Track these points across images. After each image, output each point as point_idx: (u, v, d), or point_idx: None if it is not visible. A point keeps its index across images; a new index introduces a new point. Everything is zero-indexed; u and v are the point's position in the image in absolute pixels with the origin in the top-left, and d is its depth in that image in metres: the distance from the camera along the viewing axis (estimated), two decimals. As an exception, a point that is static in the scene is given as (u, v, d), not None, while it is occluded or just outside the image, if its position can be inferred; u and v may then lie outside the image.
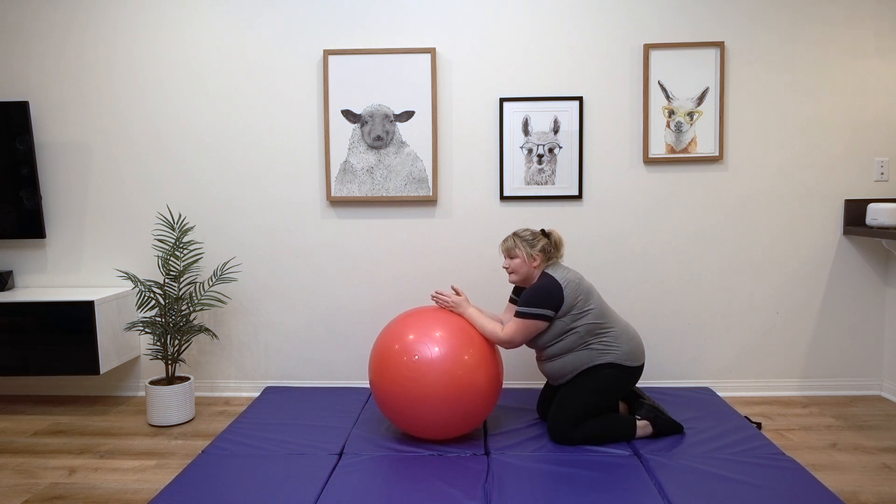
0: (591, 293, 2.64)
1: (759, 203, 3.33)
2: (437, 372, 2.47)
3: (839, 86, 3.27)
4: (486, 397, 2.57)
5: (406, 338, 2.55)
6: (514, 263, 2.69)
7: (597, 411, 2.63)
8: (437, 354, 2.49)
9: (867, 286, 3.35)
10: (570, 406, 2.61)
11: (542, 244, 2.68)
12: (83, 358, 3.10)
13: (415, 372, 2.48)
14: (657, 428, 2.68)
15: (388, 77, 3.29)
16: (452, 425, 2.55)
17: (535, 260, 2.66)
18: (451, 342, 2.53)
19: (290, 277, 3.43)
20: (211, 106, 3.36)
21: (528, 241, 2.68)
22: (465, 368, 2.50)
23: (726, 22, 3.25)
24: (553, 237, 2.71)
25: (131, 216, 3.43)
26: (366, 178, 3.34)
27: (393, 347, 2.56)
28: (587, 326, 2.60)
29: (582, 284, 2.63)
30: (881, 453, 2.66)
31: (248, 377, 3.50)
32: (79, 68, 3.37)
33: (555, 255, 2.71)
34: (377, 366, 2.60)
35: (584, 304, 2.60)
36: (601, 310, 2.64)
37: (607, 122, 3.31)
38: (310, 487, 2.28)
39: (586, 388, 2.61)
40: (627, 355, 2.63)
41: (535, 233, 2.71)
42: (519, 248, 2.67)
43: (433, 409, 2.49)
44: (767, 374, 3.42)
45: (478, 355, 2.55)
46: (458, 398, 2.49)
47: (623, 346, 2.63)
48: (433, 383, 2.47)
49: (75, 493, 2.38)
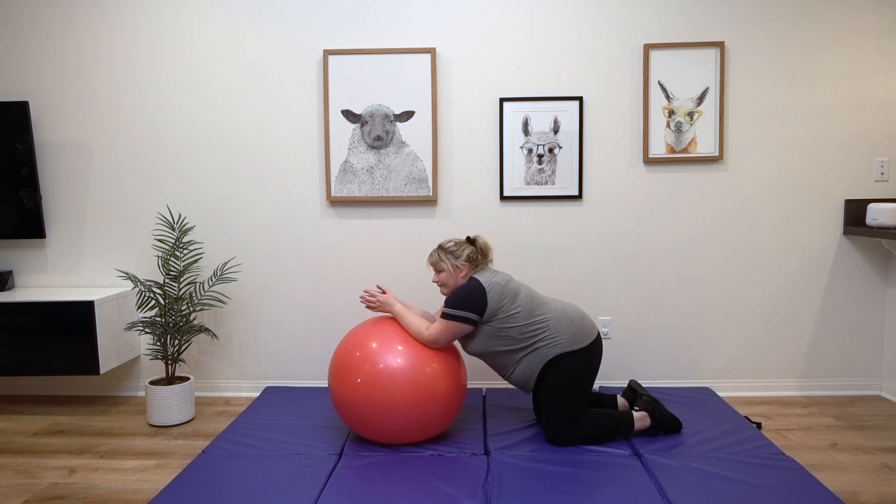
0: (517, 294, 2.61)
1: (759, 203, 3.33)
2: (399, 381, 2.48)
3: (839, 86, 3.27)
4: (448, 405, 2.58)
5: (369, 346, 2.55)
6: (441, 277, 2.68)
7: (580, 403, 2.61)
8: (399, 365, 2.50)
9: (867, 286, 3.36)
10: (552, 410, 2.61)
11: (468, 253, 2.66)
12: (83, 358, 3.10)
13: (373, 382, 2.49)
14: (655, 420, 2.68)
15: (388, 77, 3.29)
16: (411, 432, 2.56)
17: (462, 270, 2.65)
18: (413, 353, 2.54)
19: (290, 277, 3.43)
20: (211, 106, 3.36)
21: (452, 252, 2.66)
22: (427, 378, 2.51)
23: (726, 22, 3.25)
24: (479, 243, 2.70)
25: (131, 216, 3.43)
26: (366, 178, 3.34)
27: (354, 355, 2.56)
28: (520, 329, 2.58)
29: (508, 287, 2.61)
30: (881, 453, 2.66)
31: (248, 377, 3.50)
32: (79, 68, 3.37)
33: (482, 261, 2.69)
34: (337, 372, 2.59)
35: (511, 307, 2.58)
36: (530, 308, 2.60)
37: (607, 122, 3.31)
38: (310, 487, 2.28)
39: (557, 388, 2.60)
40: (573, 340, 2.60)
41: (459, 242, 2.69)
42: (444, 260, 2.66)
43: (392, 417, 2.50)
44: (767, 374, 3.42)
45: (439, 365, 2.56)
46: (417, 407, 2.50)
47: (564, 332, 2.60)
48: (394, 392, 2.48)
49: (75, 493, 2.38)
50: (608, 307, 3.40)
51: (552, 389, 2.61)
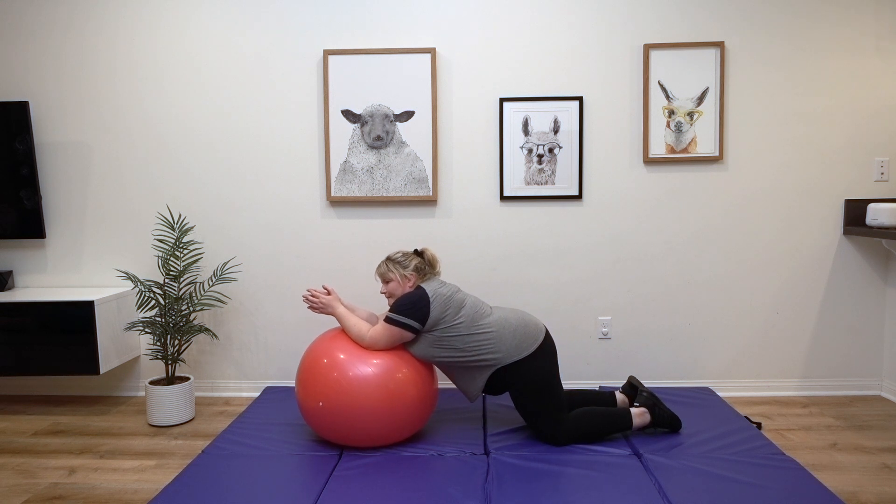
0: (461, 306, 2.60)
1: (759, 203, 3.33)
2: (371, 387, 2.48)
3: (839, 85, 3.27)
4: (416, 409, 2.58)
5: (336, 356, 2.55)
6: (389, 287, 2.69)
7: (553, 399, 2.61)
8: (370, 373, 2.50)
9: (867, 286, 3.36)
10: (531, 415, 2.62)
11: (415, 263, 2.67)
12: (83, 358, 3.10)
13: (342, 388, 2.49)
14: (655, 417, 2.69)
15: (388, 77, 3.29)
16: (379, 438, 2.56)
17: (409, 280, 2.66)
18: (385, 360, 2.55)
19: (290, 277, 3.43)
20: (211, 106, 3.36)
21: (399, 262, 2.67)
22: (397, 383, 2.51)
23: (726, 22, 3.25)
24: (426, 255, 2.72)
25: (131, 216, 3.43)
26: (366, 178, 3.34)
27: (321, 362, 2.55)
28: (462, 339, 2.57)
29: (453, 298, 2.60)
30: (881, 453, 2.66)
31: (248, 377, 3.50)
32: (79, 68, 3.37)
33: (430, 271, 2.71)
34: (304, 377, 2.59)
35: (453, 318, 2.57)
36: (472, 319, 2.59)
37: (607, 122, 3.31)
38: (310, 487, 2.28)
39: (523, 396, 2.61)
40: (518, 349, 2.59)
41: (406, 254, 2.71)
42: (392, 271, 2.67)
43: (363, 422, 2.51)
44: (767, 374, 3.42)
45: (409, 373, 2.57)
46: (390, 411, 2.50)
47: (507, 341, 2.58)
48: (366, 397, 2.48)
49: (75, 493, 2.38)
50: (608, 307, 3.40)
51: (519, 398, 2.63)
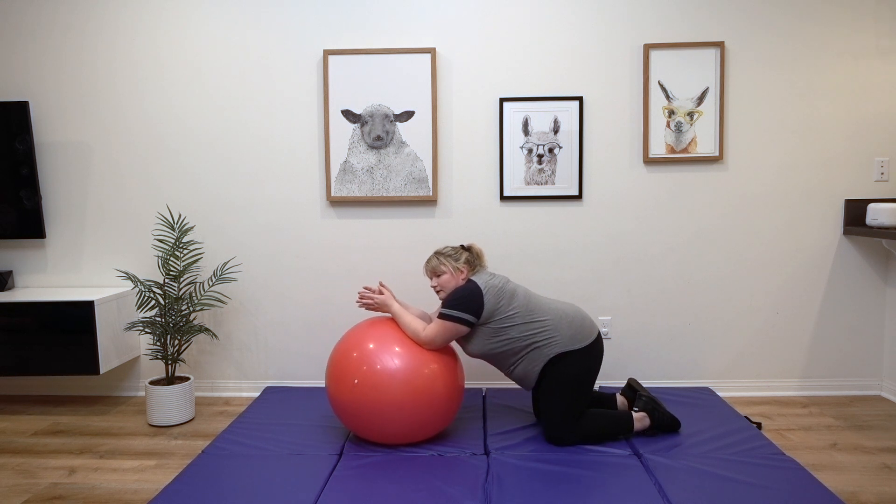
0: (514, 296, 2.63)
1: (759, 203, 3.33)
2: (398, 382, 2.48)
3: (839, 86, 3.27)
4: (445, 406, 2.58)
5: (366, 347, 2.55)
6: (441, 280, 2.69)
7: (580, 403, 2.62)
8: (398, 365, 2.50)
9: (867, 286, 3.36)
10: (551, 408, 2.61)
11: (465, 256, 2.70)
12: (83, 358, 3.10)
13: (372, 383, 2.48)
14: (655, 420, 2.69)
15: (388, 77, 3.29)
16: (410, 433, 2.56)
17: (462, 272, 2.68)
18: (411, 353, 2.54)
19: (290, 277, 3.43)
20: (211, 106, 3.36)
21: (451, 255, 2.70)
22: (424, 379, 2.51)
23: (726, 22, 3.25)
24: (474, 250, 2.76)
25: (131, 216, 3.43)
26: (366, 178, 3.34)
27: (351, 356, 2.56)
28: (519, 329, 2.59)
29: (505, 289, 2.62)
30: (881, 453, 2.66)
31: (248, 377, 3.50)
32: (79, 68, 3.37)
33: (478, 264, 2.74)
34: (334, 373, 2.59)
35: (508, 308, 2.60)
36: (527, 308, 2.62)
37: (607, 122, 3.31)
38: (310, 487, 2.28)
39: (557, 387, 2.60)
40: (573, 339, 2.61)
41: (455, 248, 2.75)
42: (444, 264, 2.68)
43: (390, 418, 2.50)
44: (767, 374, 3.42)
45: (437, 365, 2.56)
46: (416, 408, 2.50)
47: (564, 331, 2.61)
48: (393, 393, 2.48)
49: (75, 493, 2.38)
50: (608, 307, 3.40)
51: (552, 389, 2.61)
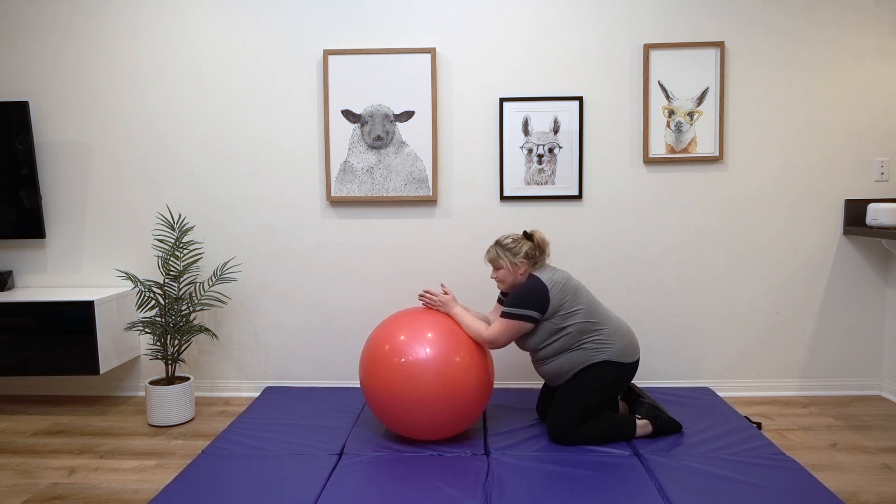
0: (578, 293, 2.63)
1: (759, 203, 3.33)
2: (430, 373, 2.48)
3: (839, 86, 3.27)
4: (477, 397, 2.57)
5: (397, 339, 2.56)
6: (500, 274, 2.69)
7: (595, 410, 2.63)
8: (429, 356, 2.50)
9: (867, 286, 3.35)
10: (568, 407, 2.61)
11: (526, 249, 2.66)
12: (83, 358, 3.10)
13: (405, 373, 2.49)
14: (657, 427, 2.69)
15: (388, 77, 3.29)
16: (443, 426, 2.55)
17: (520, 267, 2.65)
18: (442, 343, 2.53)
19: (290, 277, 3.43)
20: (211, 106, 3.36)
21: (510, 248, 2.66)
22: (455, 369, 2.50)
23: (726, 22, 3.25)
24: (536, 238, 2.68)
25: (131, 216, 3.43)
26: (366, 178, 3.34)
27: (383, 349, 2.56)
28: (578, 326, 2.60)
29: (568, 284, 2.62)
30: (881, 453, 2.66)
31: (248, 377, 3.50)
32: (79, 68, 3.37)
33: (539, 257, 2.69)
34: (368, 367, 2.60)
35: (572, 305, 2.60)
36: (591, 308, 2.63)
37: (607, 122, 3.31)
38: (310, 487, 2.28)
39: (583, 388, 2.61)
40: (622, 352, 2.63)
41: (517, 238, 2.69)
42: (502, 258, 2.66)
43: (424, 410, 2.49)
44: (767, 374, 3.42)
45: (468, 356, 2.56)
46: (449, 399, 2.49)
47: (616, 343, 2.63)
48: (425, 384, 2.47)
49: (75, 493, 2.38)
50: (608, 307, 3.40)
51: (577, 389, 2.61)
